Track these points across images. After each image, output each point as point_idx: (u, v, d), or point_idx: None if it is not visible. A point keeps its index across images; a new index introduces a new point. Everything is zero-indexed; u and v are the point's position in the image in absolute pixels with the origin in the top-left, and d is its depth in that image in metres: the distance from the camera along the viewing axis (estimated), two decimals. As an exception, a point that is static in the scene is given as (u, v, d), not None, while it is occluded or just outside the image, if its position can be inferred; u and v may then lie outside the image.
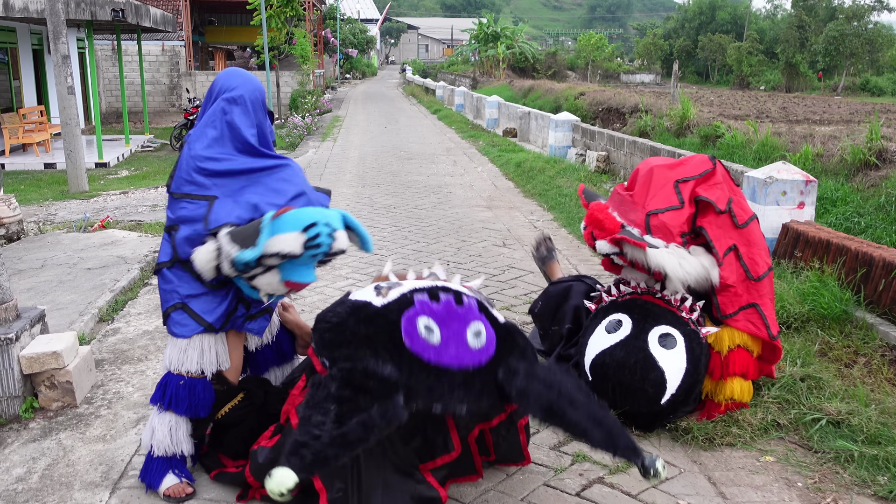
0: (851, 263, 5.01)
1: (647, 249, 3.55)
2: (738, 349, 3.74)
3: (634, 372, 3.55)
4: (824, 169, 8.74)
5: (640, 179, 3.92)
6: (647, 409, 3.61)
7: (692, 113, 12.24)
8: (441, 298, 2.73)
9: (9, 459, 3.39)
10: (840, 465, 3.35)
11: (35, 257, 7.22)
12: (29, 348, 3.84)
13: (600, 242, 3.76)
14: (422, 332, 2.64)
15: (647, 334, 3.60)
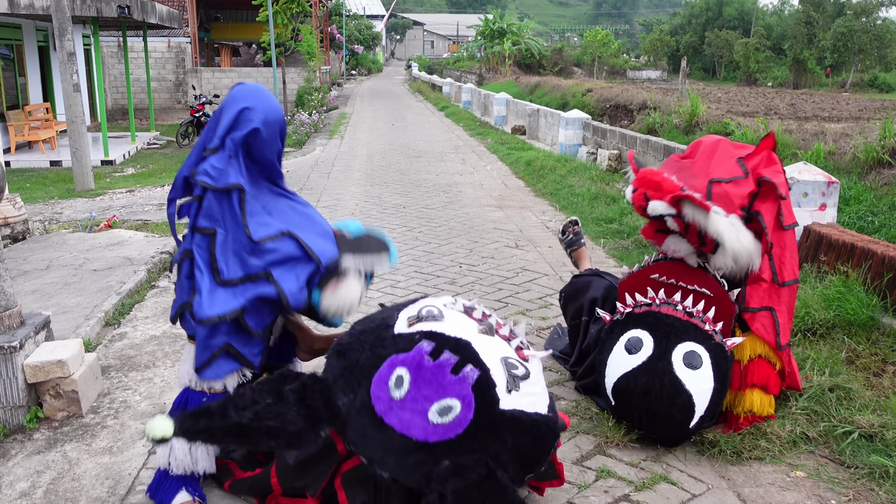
0: (877, 268, 4.86)
1: (711, 212, 3.35)
2: (759, 359, 3.60)
3: (661, 399, 3.37)
4: (836, 167, 8.60)
5: (704, 149, 3.74)
6: (675, 433, 3.47)
7: (701, 110, 12.11)
8: (441, 357, 2.42)
9: (13, 473, 3.28)
10: (875, 482, 3.22)
11: (40, 258, 7.12)
12: (33, 356, 3.72)
13: (655, 203, 3.49)
14: (392, 381, 2.43)
15: (671, 354, 3.41)
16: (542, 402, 2.53)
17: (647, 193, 3.52)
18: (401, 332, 2.52)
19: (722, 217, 3.35)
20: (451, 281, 6.00)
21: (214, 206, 2.79)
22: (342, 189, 10.28)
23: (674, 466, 3.36)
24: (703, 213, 3.34)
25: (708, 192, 3.47)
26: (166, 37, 27.05)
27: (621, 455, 3.42)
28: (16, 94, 17.98)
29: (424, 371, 2.41)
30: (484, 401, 2.39)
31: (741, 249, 3.40)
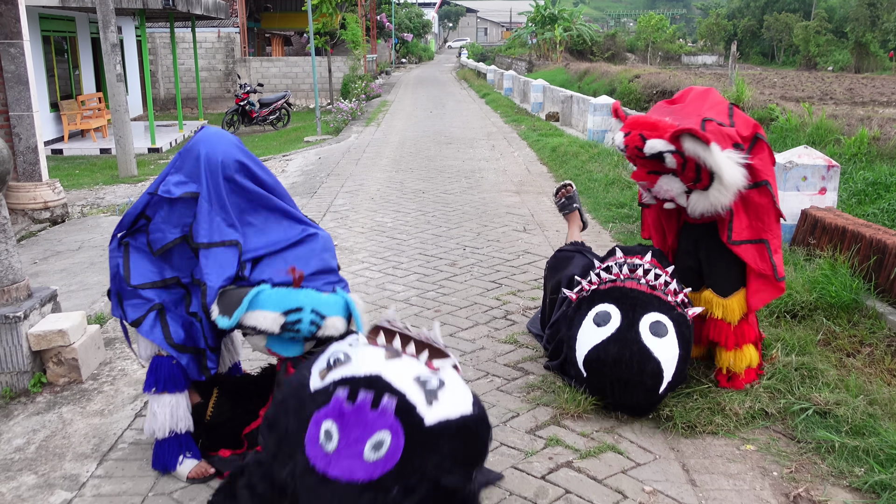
0: (866, 251, 4.87)
1: (712, 145, 3.42)
2: (744, 320, 3.82)
3: (631, 366, 3.51)
4: (879, 153, 8.45)
5: (695, 95, 3.83)
6: (646, 400, 3.60)
7: (747, 95, 11.94)
8: (358, 398, 2.50)
9: (12, 430, 3.58)
10: (820, 456, 3.30)
11: (74, 239, 7.53)
12: (38, 326, 4.03)
13: (654, 141, 3.55)
14: (321, 437, 2.52)
15: (638, 325, 3.55)
16: (465, 402, 2.61)
17: (643, 134, 3.57)
18: (316, 387, 2.60)
19: (721, 151, 3.43)
20: (451, 263, 6.18)
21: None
22: (367, 175, 10.52)
23: (625, 437, 3.49)
24: (703, 145, 3.40)
25: (702, 128, 3.51)
26: (216, 27, 27.67)
27: (575, 426, 3.56)
28: (70, 84, 18.71)
29: (347, 417, 2.51)
30: (410, 423, 2.49)
31: (739, 183, 3.49)
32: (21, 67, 7.96)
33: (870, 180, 7.22)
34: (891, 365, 4.08)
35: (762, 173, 3.64)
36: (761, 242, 3.69)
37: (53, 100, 17.36)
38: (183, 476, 3.15)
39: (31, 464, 3.29)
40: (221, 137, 3.18)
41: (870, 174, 7.39)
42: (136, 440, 3.48)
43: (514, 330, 4.72)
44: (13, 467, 3.26)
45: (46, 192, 8.37)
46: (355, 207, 8.38)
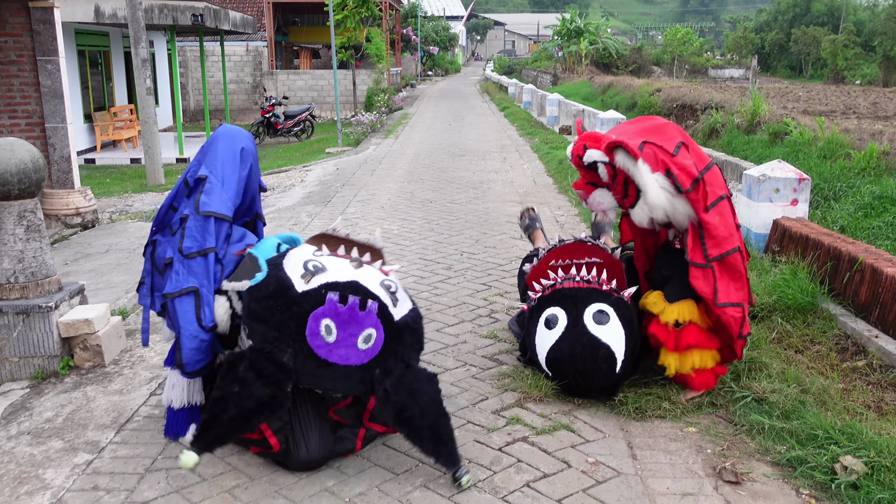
0: (824, 258, 5.25)
1: (639, 161, 3.77)
2: (690, 325, 4.01)
3: (585, 357, 3.94)
4: (888, 167, 8.65)
5: (651, 123, 4.12)
6: (607, 382, 4.02)
7: (763, 110, 12.15)
8: (348, 301, 3.20)
9: (42, 405, 4.10)
10: (750, 436, 3.70)
11: (103, 243, 8.10)
12: (66, 316, 4.55)
13: (592, 150, 3.94)
14: (322, 331, 3.19)
15: (583, 318, 3.99)
16: (408, 300, 3.47)
17: (586, 144, 4.02)
18: (304, 290, 3.22)
19: (649, 171, 3.82)
20: (447, 266, 6.64)
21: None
22: (380, 185, 11.02)
23: (580, 419, 3.92)
24: (632, 160, 3.80)
25: (640, 148, 3.87)
26: (245, 41, 28.49)
27: (536, 408, 4.00)
28: (103, 96, 19.51)
29: (342, 316, 3.22)
30: (387, 321, 3.28)
31: (659, 202, 3.83)
32: (57, 82, 8.57)
33: (876, 194, 7.38)
34: (834, 360, 4.46)
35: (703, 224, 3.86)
36: (707, 267, 3.91)
37: (87, 111, 18.15)
38: (188, 442, 3.63)
39: (59, 432, 3.79)
40: (237, 131, 3.83)
41: (877, 188, 7.56)
42: (149, 414, 3.97)
43: (495, 327, 5.17)
44: (43, 434, 3.77)
45: (78, 198, 8.97)
46: (365, 216, 8.87)
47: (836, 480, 3.23)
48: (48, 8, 8.40)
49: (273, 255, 3.56)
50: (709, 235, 3.90)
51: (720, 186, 3.99)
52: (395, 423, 3.27)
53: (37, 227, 4.51)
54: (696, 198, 3.86)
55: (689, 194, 3.86)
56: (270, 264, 3.45)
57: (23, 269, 4.45)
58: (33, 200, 4.51)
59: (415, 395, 3.26)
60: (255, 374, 3.17)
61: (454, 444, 3.28)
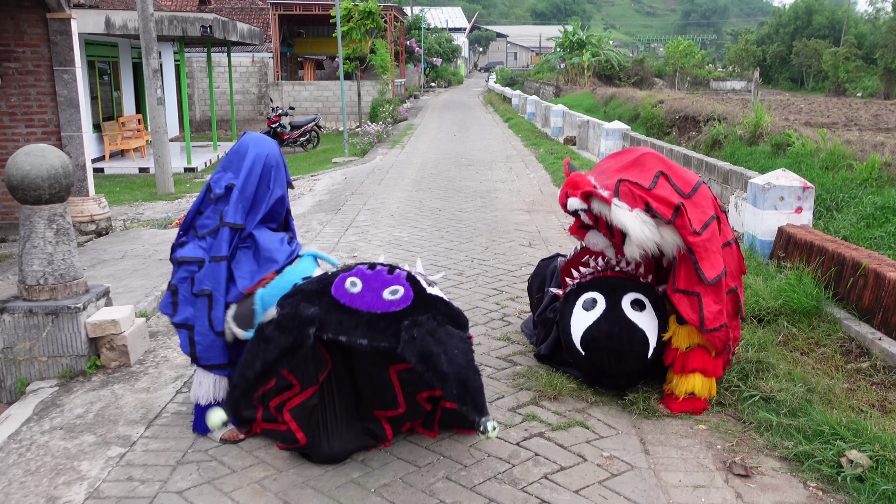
0: (828, 263, 5.39)
1: (612, 205, 3.95)
2: (698, 348, 4.10)
3: (622, 338, 4.11)
4: (890, 178, 8.75)
5: (629, 157, 4.26)
6: (638, 366, 4.16)
7: (766, 121, 12.29)
8: (377, 268, 3.47)
9: (72, 402, 4.23)
10: (758, 433, 3.83)
11: (118, 249, 8.24)
12: (94, 317, 4.70)
13: (572, 199, 4.15)
14: (346, 285, 3.41)
15: (621, 304, 4.18)
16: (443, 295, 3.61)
17: (567, 192, 4.21)
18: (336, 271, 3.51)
19: (624, 210, 3.96)
20: (459, 273, 6.78)
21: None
22: (389, 194, 11.19)
23: (594, 416, 4.05)
24: (605, 205, 3.99)
25: (616, 189, 4.05)
26: (251, 52, 28.75)
27: (551, 406, 4.13)
28: (111, 106, 19.71)
29: (368, 276, 3.46)
30: (416, 287, 3.44)
31: (644, 238, 3.96)
32: (73, 92, 8.74)
33: (878, 204, 7.42)
34: (839, 362, 4.60)
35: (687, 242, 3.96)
36: (694, 295, 4.00)
37: (96, 121, 18.33)
38: (217, 437, 3.77)
39: (91, 427, 3.93)
40: (262, 138, 4.01)
41: (879, 198, 7.60)
42: (177, 411, 4.11)
43: (508, 329, 5.31)
44: (76, 429, 3.90)
45: (93, 206, 9.13)
46: (375, 223, 9.02)
47: (842, 473, 3.36)
48: (65, 19, 8.58)
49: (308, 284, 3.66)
50: (701, 258, 3.97)
51: (709, 207, 4.08)
52: (418, 363, 3.16)
53: (66, 231, 4.65)
54: (682, 223, 3.96)
55: (675, 223, 3.96)
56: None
57: (52, 272, 4.59)
58: (63, 205, 4.66)
59: (443, 344, 3.20)
60: (277, 328, 3.32)
61: (482, 396, 3.17)
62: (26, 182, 4.43)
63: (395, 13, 32.98)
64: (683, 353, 4.13)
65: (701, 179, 4.24)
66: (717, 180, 8.19)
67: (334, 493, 3.30)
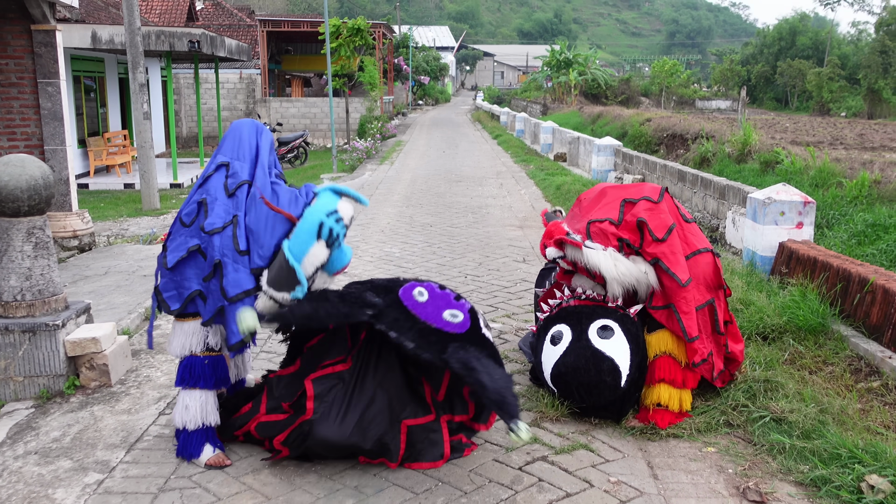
0: (833, 279, 5.25)
1: (584, 248, 3.98)
2: (665, 356, 4.04)
3: (589, 370, 3.93)
4: (880, 195, 8.70)
5: (592, 197, 4.36)
6: (612, 397, 3.97)
7: (754, 139, 12.28)
8: (446, 290, 3.62)
9: (49, 425, 4.01)
10: (771, 456, 3.66)
11: (101, 265, 8.01)
12: (73, 334, 4.48)
13: (549, 249, 4.25)
14: (414, 293, 3.50)
15: (587, 333, 3.99)
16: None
17: (545, 243, 4.29)
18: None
19: (596, 251, 3.97)
20: (453, 289, 6.58)
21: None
22: (379, 209, 11.01)
23: (598, 438, 3.87)
24: (577, 250, 4.01)
25: (587, 232, 4.09)
26: (238, 69, 28.62)
27: (553, 428, 3.95)
28: (97, 121, 19.48)
29: (437, 293, 3.57)
30: (474, 320, 3.54)
31: (619, 275, 3.97)
32: (57, 105, 8.54)
33: (869, 222, 7.43)
34: (849, 381, 4.45)
35: (652, 254, 4.02)
36: (668, 308, 4.03)
37: (81, 136, 18.10)
38: (202, 463, 3.56)
39: (67, 451, 3.71)
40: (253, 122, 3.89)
41: (870, 216, 7.61)
42: (160, 434, 3.89)
43: (505, 347, 5.13)
44: (51, 454, 3.68)
45: (76, 221, 8.90)
46: (366, 239, 8.84)
47: (863, 500, 3.19)
48: (50, 31, 8.40)
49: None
50: (671, 263, 4.01)
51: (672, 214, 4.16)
52: (461, 369, 3.29)
53: (45, 245, 4.45)
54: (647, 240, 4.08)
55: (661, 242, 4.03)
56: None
57: (30, 287, 4.38)
58: (42, 217, 4.46)
59: (486, 367, 3.33)
60: (341, 300, 3.43)
61: (517, 405, 3.25)
62: (4, 193, 4.23)
63: (383, 30, 32.98)
64: (650, 361, 4.06)
65: (664, 187, 4.27)
66: (713, 195, 8.07)
67: (327, 522, 3.10)
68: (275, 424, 3.55)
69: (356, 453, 3.50)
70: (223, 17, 35.39)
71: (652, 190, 4.19)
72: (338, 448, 3.43)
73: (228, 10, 36.42)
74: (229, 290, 3.44)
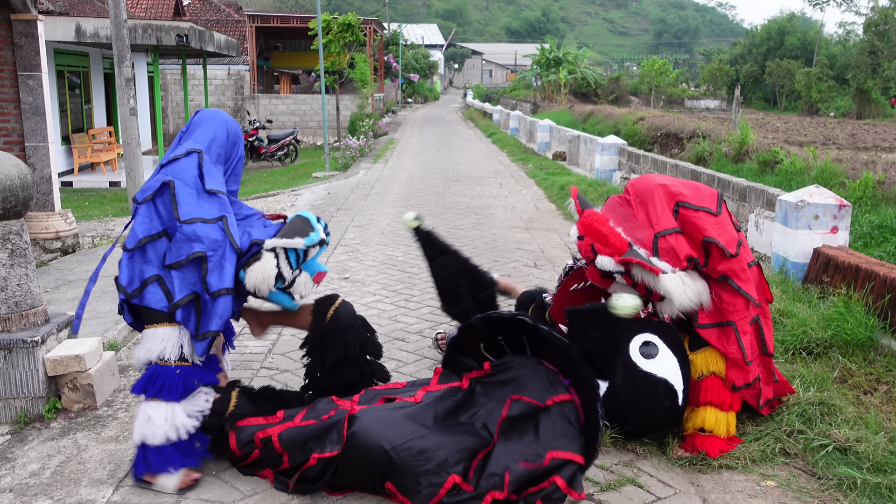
0: (880, 289, 4.88)
1: (661, 276, 3.45)
2: (712, 377, 3.66)
3: (644, 399, 3.53)
4: (885, 196, 8.43)
5: (644, 197, 3.78)
6: (671, 419, 3.60)
7: (751, 139, 11.99)
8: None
9: (26, 456, 3.56)
10: (842, 493, 3.27)
11: (85, 269, 7.54)
12: (54, 351, 4.03)
13: (604, 259, 3.57)
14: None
15: (629, 355, 3.56)
16: None
17: (595, 246, 3.59)
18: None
19: (670, 277, 3.46)
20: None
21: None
22: (376, 210, 10.58)
23: (644, 471, 3.46)
24: (652, 275, 3.45)
25: (654, 247, 3.56)
26: (227, 65, 28.07)
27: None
28: (81, 118, 18.92)
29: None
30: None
31: (688, 303, 3.52)
32: (38, 99, 8.06)
33: (875, 223, 7.21)
34: (909, 403, 4.06)
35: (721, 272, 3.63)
36: (728, 325, 3.62)
37: (65, 133, 17.55)
38: (172, 488, 3.17)
39: (47, 489, 3.26)
40: (219, 112, 3.64)
41: (875, 217, 7.38)
42: (151, 466, 3.45)
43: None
44: (28, 492, 3.24)
45: (59, 222, 8.42)
46: (366, 241, 8.41)
47: (956, 547, 2.81)
48: (31, 21, 7.91)
49: None
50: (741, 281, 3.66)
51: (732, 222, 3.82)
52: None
53: (22, 252, 4.00)
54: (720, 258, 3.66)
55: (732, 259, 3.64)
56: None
57: (5, 299, 3.93)
58: (19, 222, 4.00)
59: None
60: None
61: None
62: (-25, 195, 3.78)
63: (374, 27, 32.51)
64: (695, 381, 3.64)
65: (720, 193, 3.81)
66: (732, 197, 7.69)
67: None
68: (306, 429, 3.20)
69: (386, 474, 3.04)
70: (210, 13, 34.83)
71: (709, 197, 3.71)
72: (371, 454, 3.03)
73: (216, 5, 35.88)
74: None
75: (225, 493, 3.21)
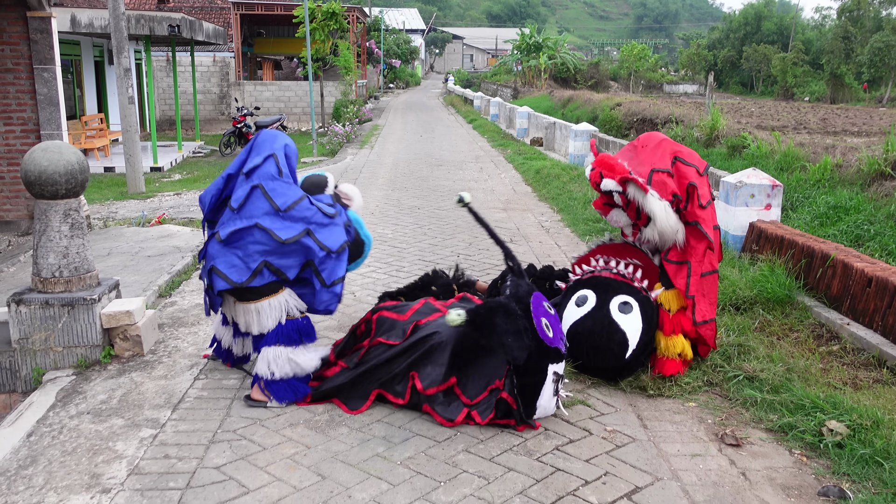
0: (798, 256, 5.79)
1: (648, 194, 4.37)
2: (682, 311, 4.55)
3: (602, 336, 4.42)
4: (841, 179, 9.17)
5: (652, 144, 4.69)
6: (614, 364, 4.47)
7: (721, 124, 12.81)
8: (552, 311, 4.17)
9: (93, 390, 4.39)
10: (745, 408, 4.18)
11: (102, 247, 8.31)
12: (108, 308, 4.85)
13: (607, 181, 4.52)
14: (543, 326, 3.98)
15: (609, 304, 4.47)
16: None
17: (602, 172, 4.56)
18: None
19: (656, 199, 4.39)
20: (447, 267, 7.02)
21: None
22: (365, 193, 11.38)
23: (593, 396, 4.36)
24: (642, 192, 4.39)
25: (649, 178, 4.49)
26: (212, 52, 28.60)
27: (553, 387, 4.42)
28: (73, 105, 19.50)
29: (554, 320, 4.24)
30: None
31: (667, 227, 4.43)
32: (53, 90, 8.77)
33: (831, 204, 7.83)
34: (812, 345, 4.98)
35: (694, 216, 4.53)
36: (685, 264, 4.54)
37: (60, 120, 18.12)
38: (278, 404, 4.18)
39: (117, 411, 4.10)
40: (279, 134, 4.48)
41: (831, 198, 8.01)
42: (199, 396, 4.30)
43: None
44: (103, 413, 4.07)
45: (74, 204, 9.15)
46: (357, 221, 9.22)
47: (823, 441, 3.72)
48: (46, 18, 8.61)
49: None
50: (706, 226, 4.54)
51: (709, 188, 4.68)
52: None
53: (80, 225, 4.80)
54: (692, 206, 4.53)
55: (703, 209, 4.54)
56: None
57: (67, 265, 4.74)
58: (77, 199, 4.80)
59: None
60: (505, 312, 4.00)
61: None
62: (44, 178, 4.57)
63: (357, 14, 33.09)
64: (673, 315, 4.53)
65: (707, 164, 4.73)
66: (686, 179, 8.56)
67: (363, 466, 3.54)
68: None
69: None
70: (195, 0, 35.19)
71: (699, 162, 4.63)
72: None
73: (200, -8, 36.20)
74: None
75: (262, 412, 4.06)
